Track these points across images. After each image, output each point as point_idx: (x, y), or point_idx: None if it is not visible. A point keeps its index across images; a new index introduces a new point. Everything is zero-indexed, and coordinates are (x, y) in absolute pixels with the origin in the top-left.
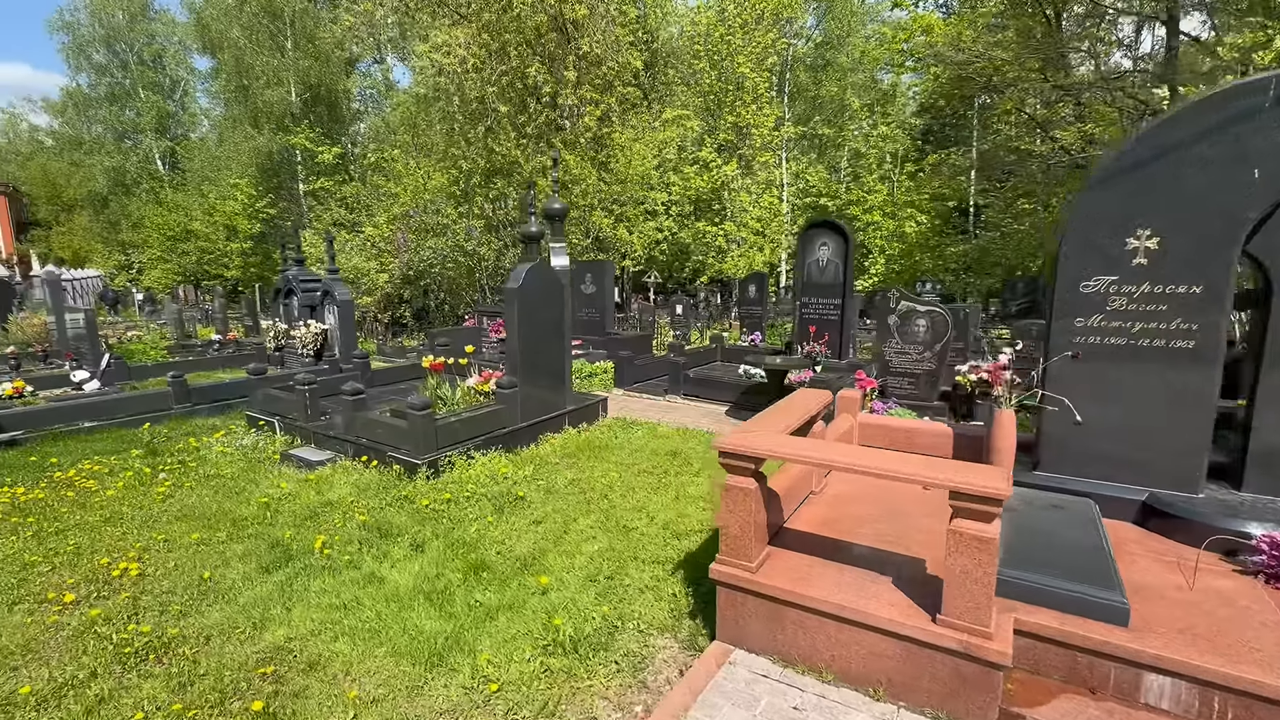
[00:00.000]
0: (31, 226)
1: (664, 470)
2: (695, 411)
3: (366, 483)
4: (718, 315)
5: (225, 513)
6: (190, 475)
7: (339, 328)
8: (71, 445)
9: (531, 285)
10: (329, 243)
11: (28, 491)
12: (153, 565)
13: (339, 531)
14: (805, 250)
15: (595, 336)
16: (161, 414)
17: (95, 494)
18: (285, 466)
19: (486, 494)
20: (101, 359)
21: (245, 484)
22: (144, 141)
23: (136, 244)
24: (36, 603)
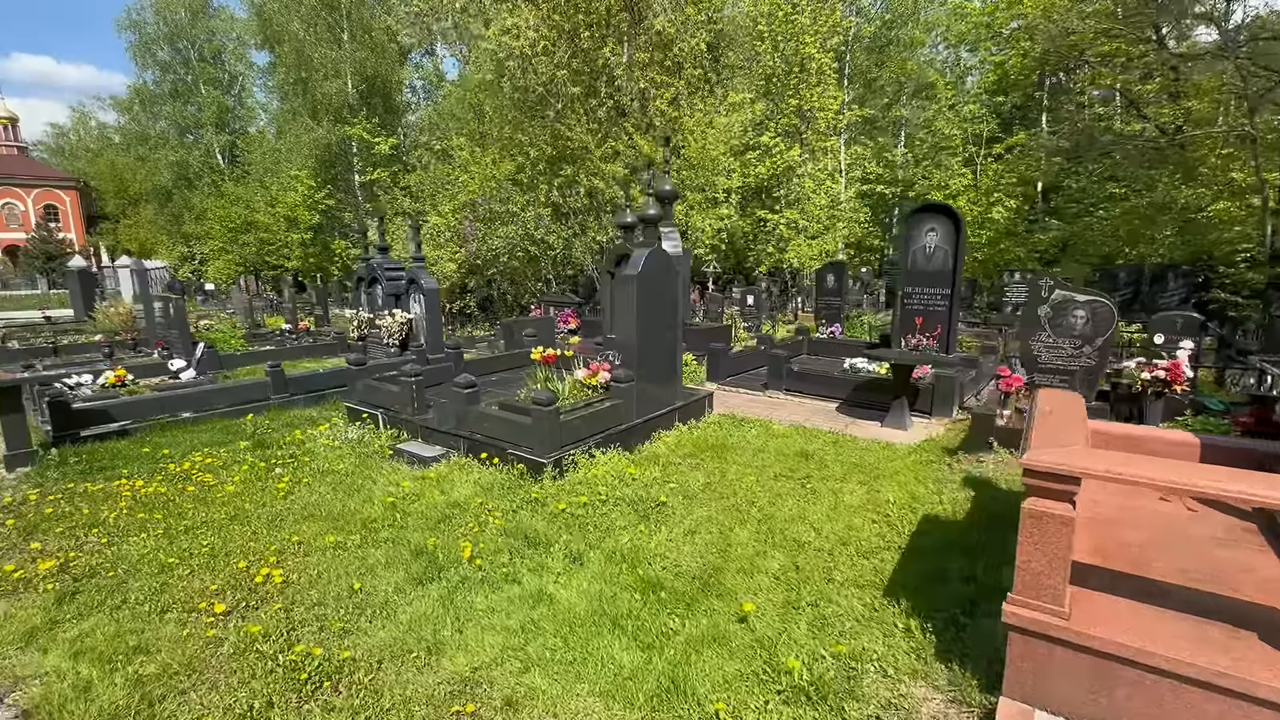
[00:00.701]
0: (100, 220)
1: (804, 475)
2: (803, 408)
3: (489, 482)
4: (778, 306)
5: (351, 513)
6: (304, 470)
7: (425, 317)
8: (179, 436)
9: (650, 271)
10: (415, 230)
11: (146, 484)
12: (295, 572)
13: (481, 538)
14: (911, 236)
15: None
16: (260, 404)
17: (214, 489)
18: (397, 462)
19: (624, 498)
20: (195, 348)
21: (362, 481)
22: (205, 136)
23: (198, 236)
24: (186, 611)
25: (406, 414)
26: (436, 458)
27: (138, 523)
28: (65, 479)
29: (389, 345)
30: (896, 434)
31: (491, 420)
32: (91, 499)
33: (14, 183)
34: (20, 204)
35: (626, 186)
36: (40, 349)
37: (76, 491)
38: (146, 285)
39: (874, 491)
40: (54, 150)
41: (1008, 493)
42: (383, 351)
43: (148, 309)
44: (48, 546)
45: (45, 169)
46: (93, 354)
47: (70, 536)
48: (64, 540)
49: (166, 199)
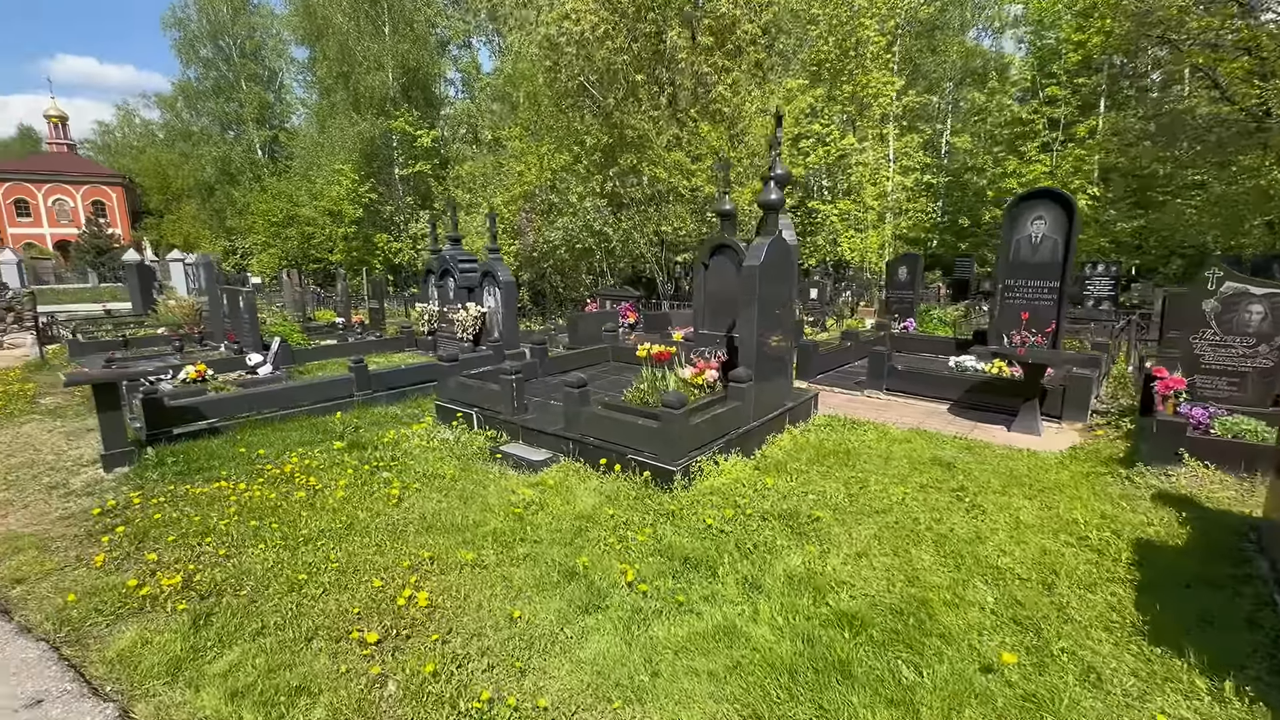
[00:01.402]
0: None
1: (955, 487)
2: (910, 409)
3: (612, 491)
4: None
5: (475, 524)
6: (408, 474)
7: (501, 310)
8: (269, 434)
9: (772, 261)
10: (491, 220)
11: (249, 487)
12: (438, 593)
13: (630, 557)
14: (1013, 225)
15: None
16: (344, 401)
17: (321, 494)
18: (501, 466)
19: (770, 512)
20: (271, 342)
21: (473, 487)
22: (246, 131)
23: (240, 230)
24: (333, 639)
25: (505, 414)
26: (544, 462)
27: (251, 531)
28: (165, 480)
29: (463, 340)
30: (1029, 440)
31: (608, 423)
32: (196, 503)
33: (64, 179)
34: (70, 200)
35: (689, 175)
36: (110, 342)
37: (178, 494)
38: (213, 279)
39: (1048, 509)
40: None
41: (1232, 515)
42: (455, 346)
43: (214, 303)
44: (164, 557)
45: (93, 166)
46: (161, 347)
47: (184, 546)
48: (179, 550)
49: (209, 194)
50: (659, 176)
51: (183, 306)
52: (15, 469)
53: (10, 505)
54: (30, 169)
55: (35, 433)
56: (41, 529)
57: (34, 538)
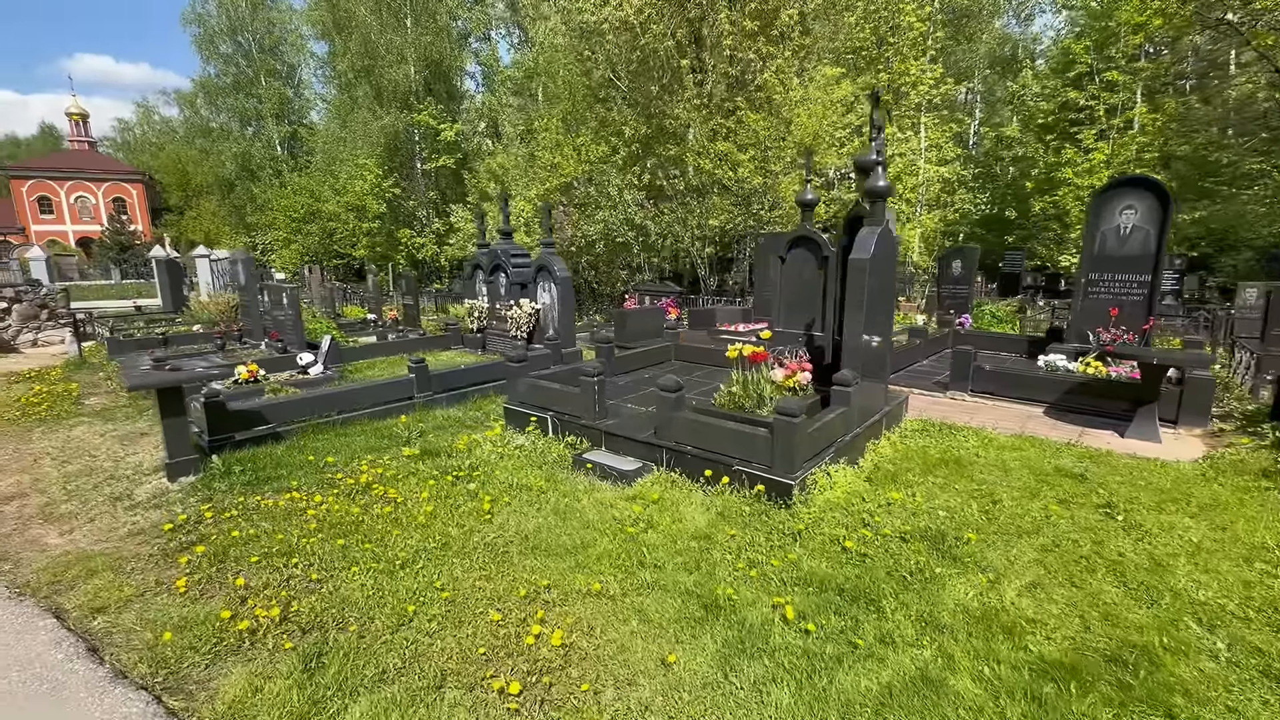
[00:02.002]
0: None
1: (1100, 503)
2: (1004, 413)
3: (723, 507)
4: None
5: (583, 545)
6: (492, 485)
7: (557, 307)
8: (333, 440)
9: (881, 254)
10: (545, 212)
11: (324, 499)
12: (570, 631)
13: (772, 586)
14: (1099, 216)
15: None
16: (404, 404)
17: (405, 508)
18: (588, 476)
19: (910, 532)
20: (321, 341)
21: (564, 500)
22: (266, 127)
23: (260, 226)
24: (467, 688)
25: (586, 419)
26: (636, 472)
27: (339, 551)
28: (234, 491)
29: (516, 338)
30: (1150, 448)
31: (708, 430)
32: (271, 517)
33: (85, 176)
34: (91, 197)
35: (735, 167)
36: (148, 340)
37: (250, 507)
38: (251, 275)
39: (1220, 529)
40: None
41: None
42: (508, 344)
43: (252, 299)
44: (252, 582)
45: (113, 163)
46: (201, 345)
47: (270, 568)
48: (266, 574)
49: (229, 190)
50: (703, 167)
51: (218, 303)
52: (73, 478)
53: (75, 519)
54: (53, 166)
55: (87, 436)
56: (112, 547)
57: (106, 558)
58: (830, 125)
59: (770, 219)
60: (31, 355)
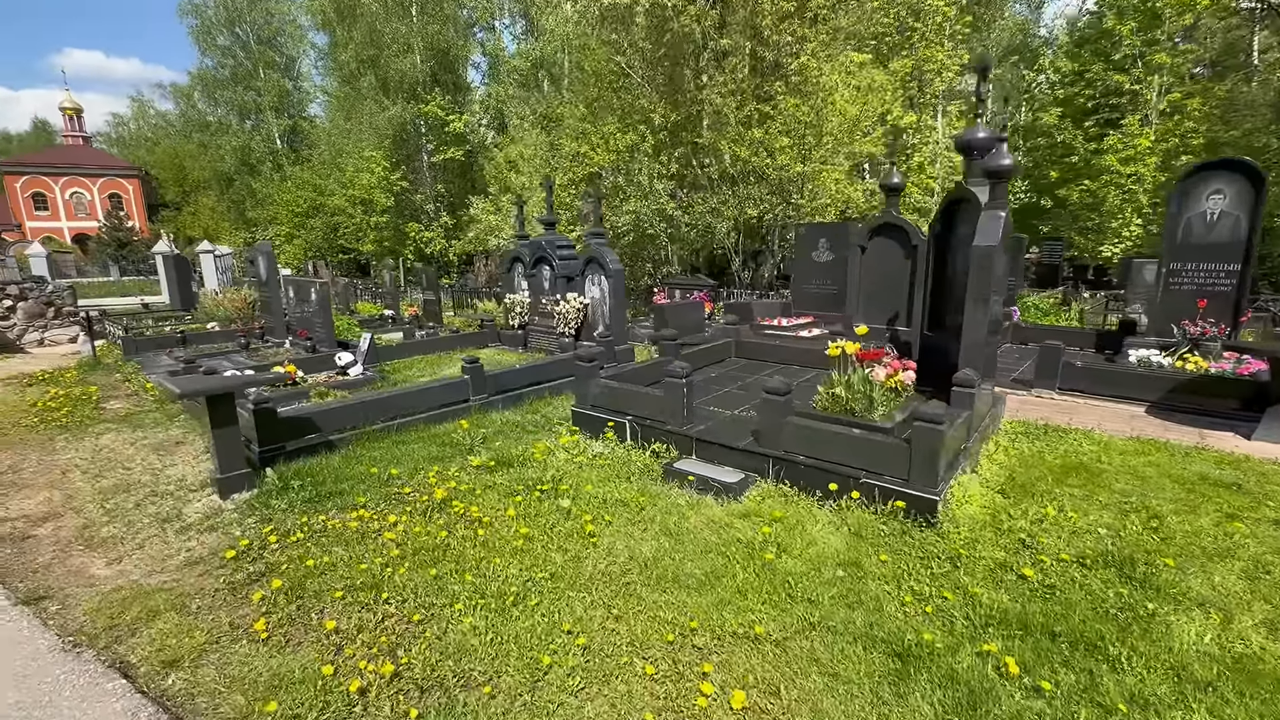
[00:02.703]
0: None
1: (1277, 518)
2: (1104, 413)
3: (855, 526)
4: None
5: (714, 574)
6: (584, 501)
7: (609, 301)
8: (389, 448)
9: (1002, 243)
10: (596, 202)
11: (398, 519)
12: (749, 688)
13: (962, 628)
14: (1183, 202)
15: (832, 312)
16: (459, 407)
17: (492, 527)
18: (686, 489)
19: (1086, 555)
20: (359, 340)
21: (670, 518)
22: (265, 120)
23: (261, 221)
24: None
25: (673, 424)
26: (739, 484)
27: (432, 584)
28: (295, 510)
29: (564, 334)
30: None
31: (828, 438)
32: (344, 540)
33: (81, 172)
34: (87, 193)
35: (774, 154)
36: (165, 339)
37: (317, 529)
38: (273, 270)
39: None
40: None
41: None
42: (552, 341)
43: (274, 296)
44: (343, 624)
45: (109, 158)
46: (220, 344)
47: (359, 606)
48: (356, 613)
49: (228, 185)
50: (739, 155)
51: (233, 300)
52: (110, 494)
53: (121, 544)
54: (47, 162)
55: (116, 446)
56: (170, 579)
57: (166, 593)
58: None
59: (812, 209)
60: (40, 355)
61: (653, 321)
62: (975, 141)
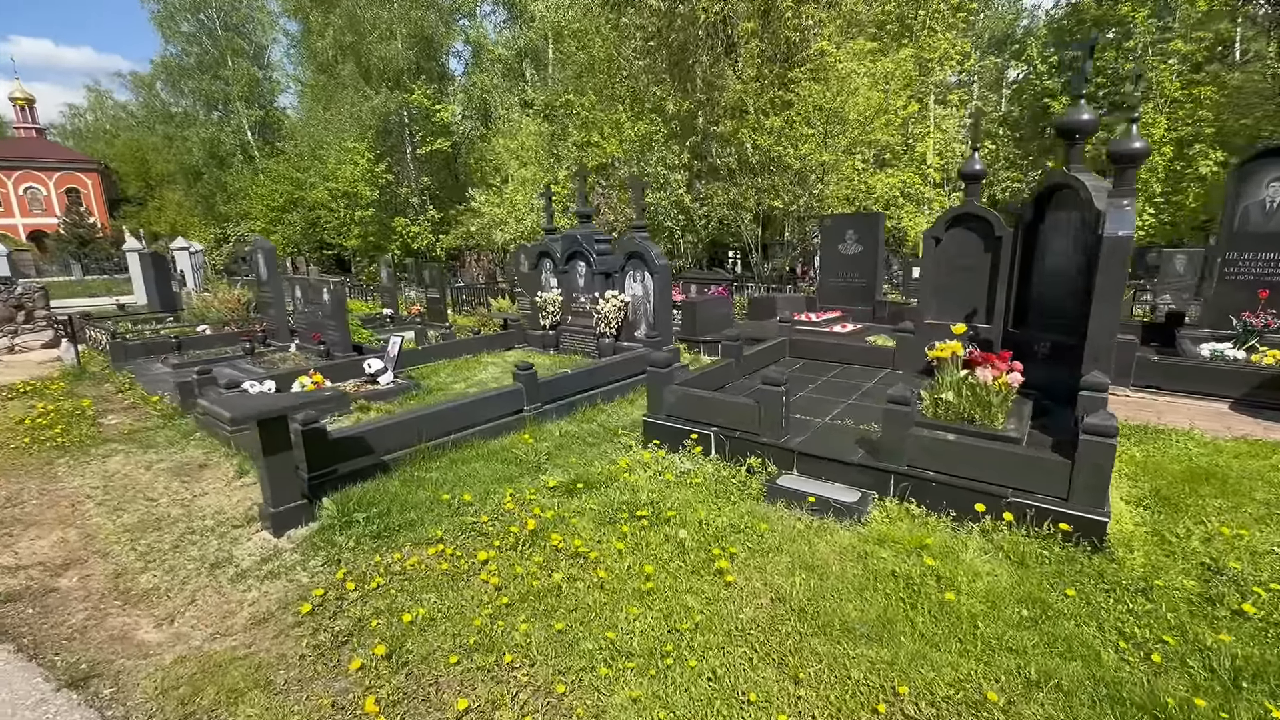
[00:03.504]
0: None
1: None
2: (1189, 410)
3: (1012, 551)
4: None
5: (886, 619)
6: (699, 531)
7: (653, 298)
8: (449, 469)
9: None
10: (639, 191)
11: (489, 556)
12: None
13: (1221, 684)
14: (1241, 190)
15: (860, 306)
16: (513, 418)
17: (601, 565)
18: (796, 510)
19: None
20: (389, 344)
21: (792, 544)
22: (235, 111)
23: (233, 216)
24: None
25: (768, 436)
26: (859, 504)
27: (560, 641)
28: (363, 546)
29: (604, 335)
30: None
31: (963, 451)
32: (433, 585)
33: (35, 166)
34: (43, 188)
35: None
36: (158, 343)
37: (395, 570)
38: (274, 267)
39: None
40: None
41: None
42: (586, 342)
43: (276, 296)
44: (474, 701)
45: (65, 151)
46: (220, 348)
47: (484, 674)
48: (483, 685)
49: (196, 179)
50: (761, 144)
51: (226, 300)
52: (139, 533)
53: (168, 598)
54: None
55: (130, 470)
56: (241, 645)
57: (242, 664)
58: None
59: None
60: (14, 364)
61: (680, 318)
62: (1078, 124)
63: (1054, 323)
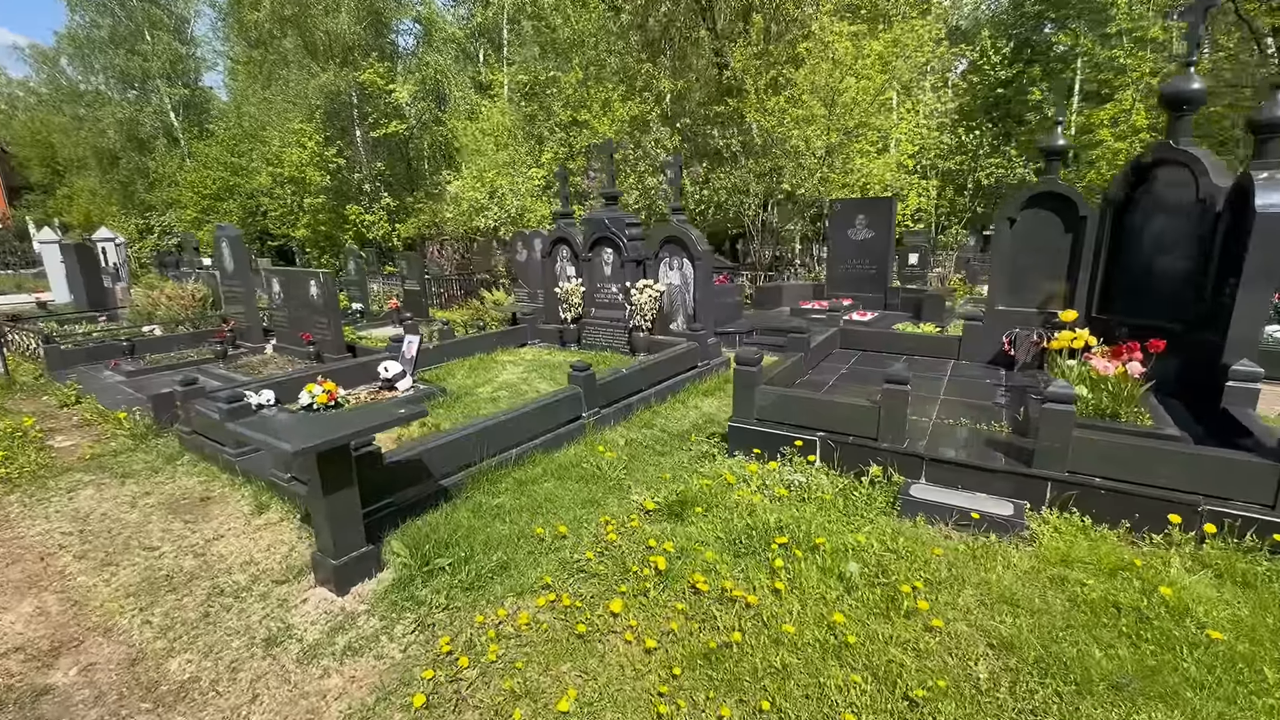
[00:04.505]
0: (23, 191)
1: None
2: None
3: (1234, 572)
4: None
5: (1154, 671)
6: (857, 558)
7: (694, 289)
8: (518, 492)
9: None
10: (677, 169)
11: (625, 608)
12: None
13: None
14: None
15: (871, 294)
16: (570, 426)
17: (765, 610)
18: (936, 524)
19: None
20: (407, 344)
21: (965, 570)
22: (156, 89)
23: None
24: None
25: (889, 441)
26: (1017, 518)
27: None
28: (456, 602)
29: (639, 327)
30: None
31: (1141, 456)
32: (568, 651)
33: None
34: None
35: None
36: (102, 349)
37: (506, 632)
38: (244, 259)
39: None
40: None
41: None
42: (620, 337)
43: (247, 290)
44: None
45: None
46: (181, 352)
47: None
48: None
49: (113, 164)
50: (768, 126)
51: (179, 297)
52: (148, 596)
53: (218, 694)
54: None
55: (110, 509)
56: None
57: None
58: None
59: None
60: None
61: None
62: (1189, 93)
63: (1149, 307)
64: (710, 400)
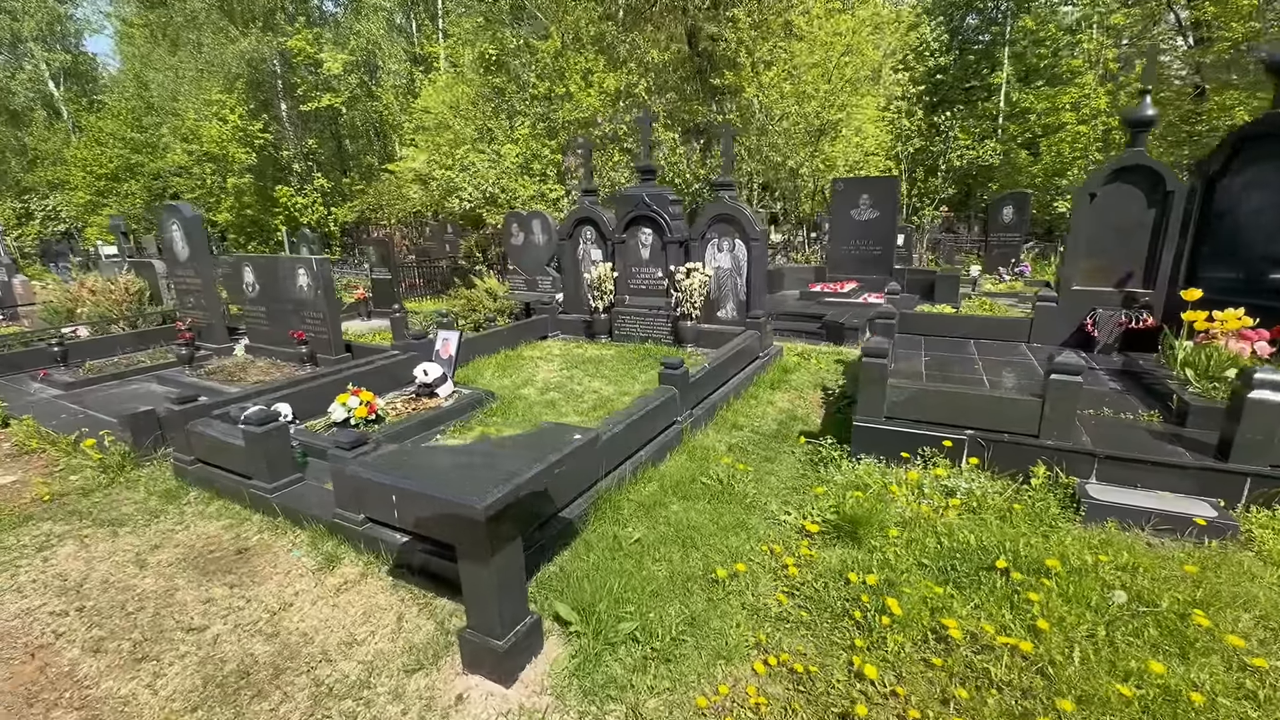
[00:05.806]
0: None
1: None
2: None
3: None
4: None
5: None
6: (1096, 580)
7: (746, 274)
8: (645, 517)
9: None
10: (729, 141)
11: (860, 663)
12: None
13: None
14: None
15: (876, 275)
16: (669, 430)
17: (1040, 664)
18: (1129, 530)
19: None
20: (442, 339)
21: (1215, 584)
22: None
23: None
24: None
25: (1055, 438)
26: (1221, 520)
27: None
28: (660, 685)
29: (687, 315)
30: None
31: None
32: None
33: None
34: None
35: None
36: (26, 355)
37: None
38: (204, 245)
39: None
40: None
41: None
42: (663, 327)
43: (208, 281)
44: None
45: None
46: (132, 356)
47: None
48: None
49: None
50: (765, 102)
51: (109, 291)
52: (232, 705)
53: None
54: None
55: (109, 572)
56: None
57: None
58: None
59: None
60: None
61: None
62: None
63: (1245, 286)
64: (780, 395)
